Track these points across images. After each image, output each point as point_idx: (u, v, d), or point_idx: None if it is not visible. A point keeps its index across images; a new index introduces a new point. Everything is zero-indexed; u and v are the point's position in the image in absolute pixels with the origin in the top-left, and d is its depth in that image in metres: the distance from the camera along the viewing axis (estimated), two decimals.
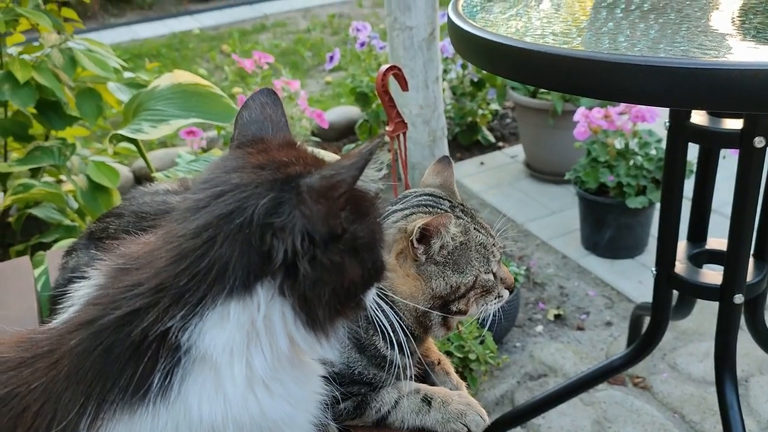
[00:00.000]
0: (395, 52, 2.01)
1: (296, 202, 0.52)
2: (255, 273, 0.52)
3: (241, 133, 0.62)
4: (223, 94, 1.76)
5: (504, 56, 0.85)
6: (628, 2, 0.98)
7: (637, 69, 0.71)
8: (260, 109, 0.62)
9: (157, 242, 0.56)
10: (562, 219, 2.59)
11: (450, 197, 0.82)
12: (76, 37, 2.05)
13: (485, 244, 0.78)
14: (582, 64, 0.75)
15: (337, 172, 0.52)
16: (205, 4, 6.15)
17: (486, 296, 0.78)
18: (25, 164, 1.84)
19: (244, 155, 0.57)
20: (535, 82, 0.84)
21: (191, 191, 0.57)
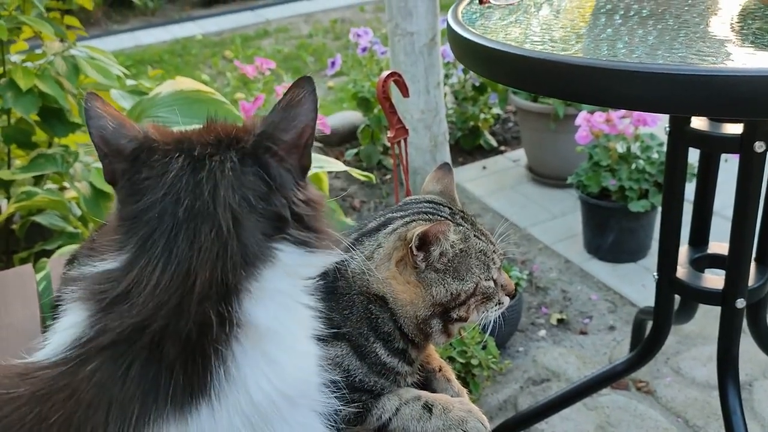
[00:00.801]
0: (396, 58, 2.01)
1: (278, 161, 0.56)
2: (273, 236, 0.55)
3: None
4: (225, 100, 1.77)
5: (503, 63, 0.85)
6: (627, 8, 0.99)
7: (635, 76, 0.71)
8: (104, 115, 0.58)
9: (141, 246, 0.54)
10: (564, 223, 2.59)
11: (450, 204, 0.82)
12: (79, 45, 2.06)
13: (485, 251, 0.78)
14: (580, 71, 0.75)
15: (300, 120, 0.57)
16: (208, 10, 6.18)
17: (487, 303, 0.78)
18: (28, 172, 1.85)
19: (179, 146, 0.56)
20: (534, 89, 0.84)
21: None
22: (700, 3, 0.97)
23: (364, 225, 0.81)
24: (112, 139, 0.55)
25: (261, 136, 0.56)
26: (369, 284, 0.75)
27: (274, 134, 0.56)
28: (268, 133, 0.56)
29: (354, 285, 0.75)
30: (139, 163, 0.55)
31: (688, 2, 0.98)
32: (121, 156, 0.55)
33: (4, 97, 1.80)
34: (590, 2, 1.08)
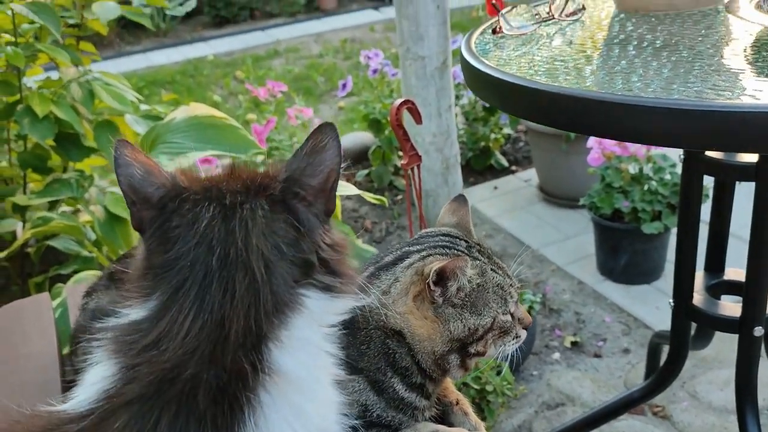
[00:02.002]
0: (408, 81, 2.03)
1: (306, 206, 0.57)
2: (300, 282, 0.56)
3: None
4: (238, 125, 1.78)
5: (517, 96, 0.85)
6: (641, 38, 0.99)
7: (652, 111, 0.72)
8: (132, 162, 0.58)
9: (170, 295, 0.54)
10: (577, 244, 2.58)
11: (466, 237, 0.83)
12: (94, 67, 2.09)
13: (502, 285, 0.78)
14: (596, 105, 0.76)
15: (326, 165, 0.58)
16: (219, 30, 6.25)
17: (504, 337, 0.78)
18: (44, 197, 1.87)
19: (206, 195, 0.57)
20: (549, 122, 0.84)
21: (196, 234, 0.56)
22: (713, 33, 0.98)
23: (381, 258, 0.81)
24: (140, 186, 0.55)
25: (289, 182, 0.56)
26: (386, 319, 0.75)
27: (301, 180, 0.56)
28: (295, 178, 0.57)
29: (371, 319, 0.75)
30: (168, 211, 0.55)
31: (702, 32, 0.98)
32: (149, 204, 0.56)
33: (21, 123, 1.83)
34: (602, 32, 1.08)
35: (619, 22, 1.11)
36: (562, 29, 1.14)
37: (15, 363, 1.03)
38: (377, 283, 0.77)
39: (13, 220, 2.06)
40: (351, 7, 6.65)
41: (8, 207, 2.00)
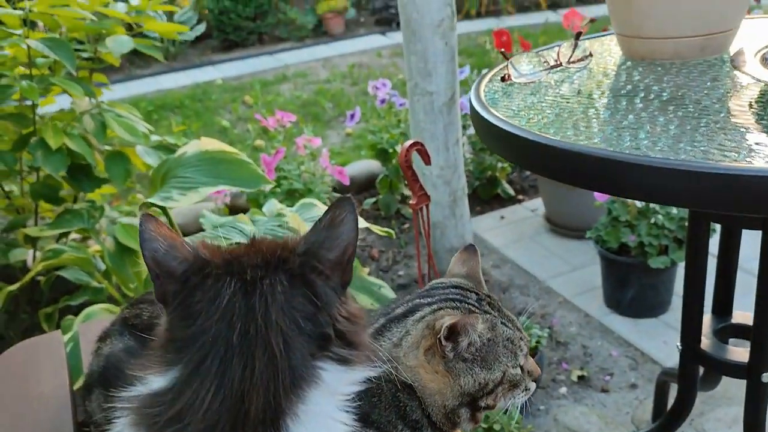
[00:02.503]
0: (416, 116, 2.05)
1: (323, 280, 0.58)
2: (317, 355, 0.57)
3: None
4: (249, 160, 1.80)
5: (528, 151, 0.87)
6: (647, 90, 1.01)
7: (659, 171, 0.73)
8: (156, 237, 0.59)
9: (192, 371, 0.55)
10: (583, 276, 2.58)
11: (477, 289, 0.84)
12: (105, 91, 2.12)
13: (512, 339, 0.79)
14: (605, 163, 0.77)
15: (342, 239, 0.59)
16: (227, 54, 6.32)
17: (513, 390, 0.79)
18: (55, 228, 1.89)
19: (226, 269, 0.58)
20: (559, 177, 0.86)
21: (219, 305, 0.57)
22: (718, 86, 0.99)
23: (392, 310, 0.83)
24: (163, 261, 0.57)
25: (307, 256, 0.58)
26: (397, 372, 0.76)
27: (319, 253, 0.58)
28: (313, 252, 0.58)
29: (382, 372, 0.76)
30: (190, 285, 0.56)
31: (707, 85, 1.00)
32: (172, 278, 0.57)
33: (34, 155, 1.85)
34: (610, 81, 1.10)
35: (626, 71, 1.13)
36: (569, 76, 1.17)
37: (27, 404, 1.04)
38: (388, 335, 0.79)
39: (24, 249, 2.08)
40: (358, 32, 6.72)
41: (20, 237, 2.02)
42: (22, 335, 2.29)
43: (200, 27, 6.10)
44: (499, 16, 6.74)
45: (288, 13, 6.65)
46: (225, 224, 1.80)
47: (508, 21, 6.59)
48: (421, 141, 2.08)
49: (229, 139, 4.11)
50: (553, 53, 1.29)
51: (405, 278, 2.64)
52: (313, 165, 2.73)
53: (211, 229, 1.86)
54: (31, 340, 1.24)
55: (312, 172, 2.72)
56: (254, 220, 1.83)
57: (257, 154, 3.66)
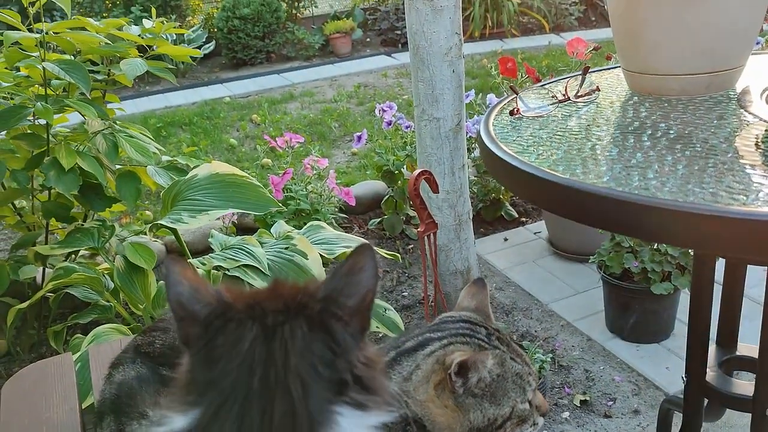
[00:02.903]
0: (423, 141, 2.07)
1: (343, 326, 0.59)
2: (333, 400, 0.57)
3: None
4: (258, 183, 1.83)
5: (537, 187, 0.89)
6: (654, 127, 1.03)
7: (668, 213, 0.75)
8: (182, 280, 0.61)
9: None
10: (586, 299, 2.59)
11: (486, 323, 0.85)
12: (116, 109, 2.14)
13: (521, 374, 0.80)
14: (615, 204, 0.79)
15: (363, 286, 0.60)
16: (236, 72, 6.38)
17: (522, 425, 0.80)
18: (66, 247, 1.91)
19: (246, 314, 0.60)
20: (567, 214, 0.87)
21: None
22: (725, 125, 1.01)
23: (402, 343, 0.84)
24: (188, 304, 0.58)
25: (327, 302, 0.59)
26: (407, 406, 0.77)
27: (338, 300, 0.59)
28: (333, 298, 0.59)
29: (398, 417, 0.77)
30: (213, 329, 0.58)
31: (714, 123, 1.02)
32: (195, 321, 0.58)
33: (47, 175, 1.88)
34: (617, 117, 1.12)
35: (633, 107, 1.15)
36: (577, 110, 1.19)
37: (37, 428, 1.05)
38: (398, 368, 0.80)
39: (34, 267, 2.10)
40: (364, 53, 6.79)
41: (30, 255, 2.04)
42: (30, 350, 2.31)
43: (209, 45, 6.16)
44: (502, 38, 6.80)
45: (296, 33, 6.72)
46: (234, 246, 1.82)
47: (511, 43, 6.65)
48: (428, 165, 2.10)
49: (236, 156, 4.15)
50: (561, 86, 1.31)
51: (409, 299, 2.65)
52: (320, 185, 2.76)
53: (220, 250, 1.89)
54: (42, 362, 1.25)
55: (319, 192, 2.74)
56: (262, 242, 1.85)
57: (265, 172, 3.69)
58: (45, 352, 2.29)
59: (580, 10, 7.02)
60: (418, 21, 1.90)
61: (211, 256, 1.75)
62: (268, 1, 6.46)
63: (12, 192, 2.04)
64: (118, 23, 2.09)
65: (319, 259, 1.75)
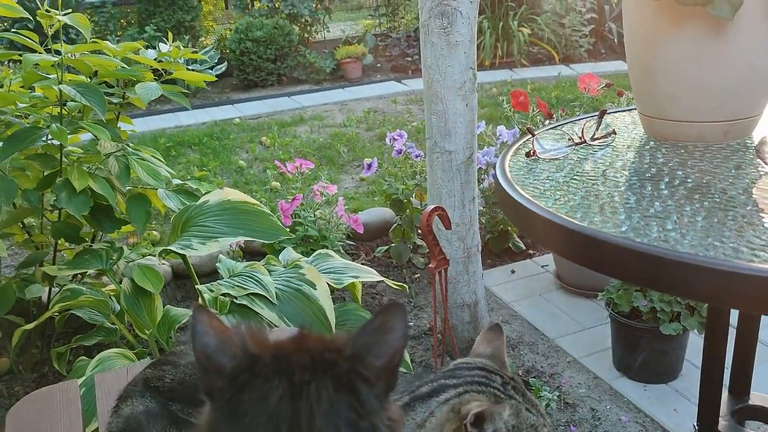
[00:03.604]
0: (434, 173, 2.08)
1: (368, 387, 0.58)
2: None
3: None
4: (269, 211, 1.83)
5: (556, 234, 0.88)
6: (672, 175, 1.03)
7: (691, 268, 0.74)
8: (209, 331, 0.59)
9: None
10: (593, 336, 2.57)
11: (501, 371, 0.84)
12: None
13: (536, 426, 0.79)
14: (635, 255, 0.78)
15: (391, 347, 0.59)
16: (246, 94, 6.42)
17: None
18: (74, 268, 1.91)
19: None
20: (585, 263, 0.87)
21: None
22: (743, 174, 1.01)
23: (417, 388, 0.83)
24: (214, 356, 0.58)
25: (354, 361, 0.58)
26: None
27: (366, 360, 0.58)
28: (360, 357, 0.58)
29: None
30: (239, 383, 0.57)
31: (732, 172, 1.02)
32: (221, 374, 0.58)
33: (58, 195, 1.88)
34: (634, 162, 1.12)
35: (650, 152, 1.15)
36: (593, 153, 1.19)
37: None
38: (412, 414, 0.79)
39: (40, 286, 2.10)
40: (375, 78, 6.84)
41: (37, 275, 2.04)
42: (32, 369, 2.30)
43: (222, 66, 6.22)
44: (512, 68, 6.85)
45: (307, 56, 6.78)
46: (242, 273, 1.82)
47: (521, 73, 6.69)
48: (438, 198, 2.10)
49: (245, 178, 4.16)
50: (576, 128, 1.32)
51: (414, 329, 2.64)
52: (328, 211, 2.76)
53: (228, 276, 1.88)
54: (48, 389, 1.24)
55: (327, 219, 2.74)
56: (271, 269, 1.85)
57: (273, 196, 3.70)
58: (47, 372, 2.27)
59: (590, 42, 7.07)
60: (432, 55, 1.91)
61: (219, 282, 1.75)
62: (281, 25, 6.53)
63: (22, 211, 2.05)
64: (134, 47, 2.11)
65: (327, 290, 1.74)
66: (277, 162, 2.81)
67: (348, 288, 1.97)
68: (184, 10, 6.70)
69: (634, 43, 1.18)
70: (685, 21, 1.07)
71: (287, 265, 1.94)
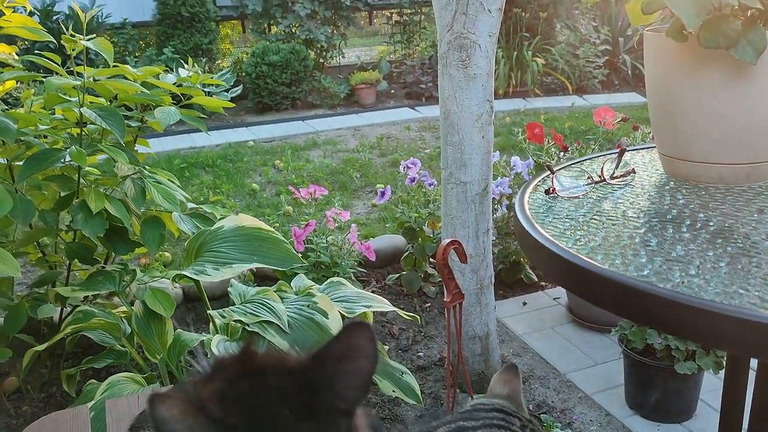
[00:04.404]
0: (448, 203, 2.07)
1: (347, 418, 0.55)
2: None
3: None
4: (283, 239, 1.83)
5: (577, 276, 0.88)
6: (693, 217, 1.02)
7: (716, 317, 0.73)
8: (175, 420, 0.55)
9: None
10: (605, 371, 2.54)
11: (519, 413, 0.83)
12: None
13: None
14: (659, 301, 0.78)
15: (364, 373, 0.55)
16: (261, 117, 6.48)
17: None
18: (87, 289, 1.91)
19: None
20: (604, 305, 0.86)
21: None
22: (766, 219, 1.00)
23: (433, 429, 0.82)
24: None
25: (327, 394, 0.55)
26: None
27: (339, 391, 0.55)
28: (333, 389, 0.55)
29: None
30: None
31: (754, 216, 1.01)
32: None
33: (74, 218, 1.89)
34: (654, 202, 1.12)
35: (670, 192, 1.15)
36: (612, 192, 1.18)
37: None
38: None
39: (52, 306, 2.10)
40: (388, 104, 6.88)
41: (50, 296, 2.04)
42: (40, 389, 2.29)
43: (237, 89, 6.28)
44: (525, 98, 6.88)
45: (322, 81, 6.85)
46: (254, 299, 1.81)
47: (534, 102, 6.72)
48: (452, 228, 2.10)
49: (257, 202, 4.17)
50: (595, 165, 1.31)
51: (424, 360, 2.61)
52: (340, 238, 2.76)
53: (240, 301, 1.88)
54: (58, 414, 1.23)
55: (339, 245, 2.74)
56: (283, 297, 1.84)
57: (286, 220, 3.71)
58: (56, 393, 2.27)
59: (604, 73, 7.10)
60: (450, 86, 1.92)
61: (231, 308, 1.74)
62: (297, 50, 6.60)
63: (38, 231, 2.06)
64: (154, 71, 2.13)
65: (340, 319, 1.73)
66: (291, 187, 2.82)
67: (359, 317, 1.95)
68: (202, 33, 6.80)
69: (655, 83, 1.18)
70: (708, 63, 1.07)
71: (299, 292, 1.93)
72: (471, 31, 1.85)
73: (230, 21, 7.86)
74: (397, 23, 7.95)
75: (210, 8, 6.86)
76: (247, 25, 7.78)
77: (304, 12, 6.91)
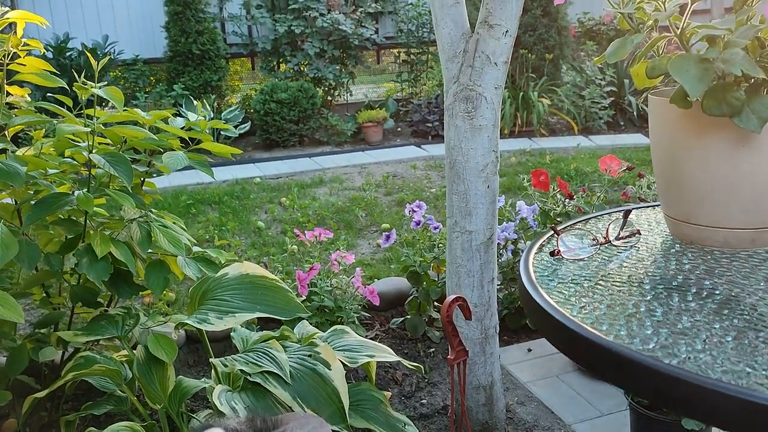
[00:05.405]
0: (453, 252, 2.07)
1: None
2: None
3: None
4: (287, 288, 1.83)
5: (581, 346, 0.87)
6: (699, 285, 1.01)
7: (723, 397, 0.72)
8: None
9: None
10: (611, 423, 2.50)
11: None
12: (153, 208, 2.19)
13: None
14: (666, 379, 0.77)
15: None
16: (268, 153, 6.53)
17: None
18: (89, 334, 1.90)
19: None
20: (608, 377, 0.85)
21: None
22: None
23: None
24: None
25: None
26: None
27: None
28: None
29: None
30: None
31: (761, 285, 1.01)
32: None
33: (79, 262, 1.90)
34: (659, 267, 1.11)
35: (675, 256, 1.14)
36: (617, 254, 1.18)
37: None
38: None
39: (54, 349, 2.10)
40: (395, 142, 6.93)
41: (53, 339, 2.04)
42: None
43: (245, 125, 6.35)
44: (531, 137, 6.92)
45: (329, 119, 6.92)
46: (256, 348, 1.80)
47: (540, 142, 6.75)
48: (457, 277, 2.09)
49: (263, 240, 4.18)
50: (600, 224, 1.31)
51: (428, 408, 2.58)
52: (344, 281, 2.75)
53: (243, 348, 1.87)
54: None
55: (343, 288, 2.73)
56: (285, 346, 1.83)
57: (290, 258, 3.71)
58: None
59: (609, 114, 7.15)
60: (456, 137, 1.94)
61: (234, 357, 1.73)
62: (306, 88, 6.69)
63: (43, 274, 2.06)
64: (164, 115, 2.16)
65: (342, 370, 1.72)
66: (297, 230, 2.83)
67: (362, 365, 1.94)
68: (212, 70, 6.89)
69: (660, 146, 1.19)
70: (712, 130, 1.08)
71: (302, 340, 1.92)
72: (477, 83, 1.87)
73: (240, 58, 7.98)
74: (405, 62, 8.05)
75: (220, 46, 6.97)
76: (257, 62, 7.90)
77: (313, 51, 7.02)
